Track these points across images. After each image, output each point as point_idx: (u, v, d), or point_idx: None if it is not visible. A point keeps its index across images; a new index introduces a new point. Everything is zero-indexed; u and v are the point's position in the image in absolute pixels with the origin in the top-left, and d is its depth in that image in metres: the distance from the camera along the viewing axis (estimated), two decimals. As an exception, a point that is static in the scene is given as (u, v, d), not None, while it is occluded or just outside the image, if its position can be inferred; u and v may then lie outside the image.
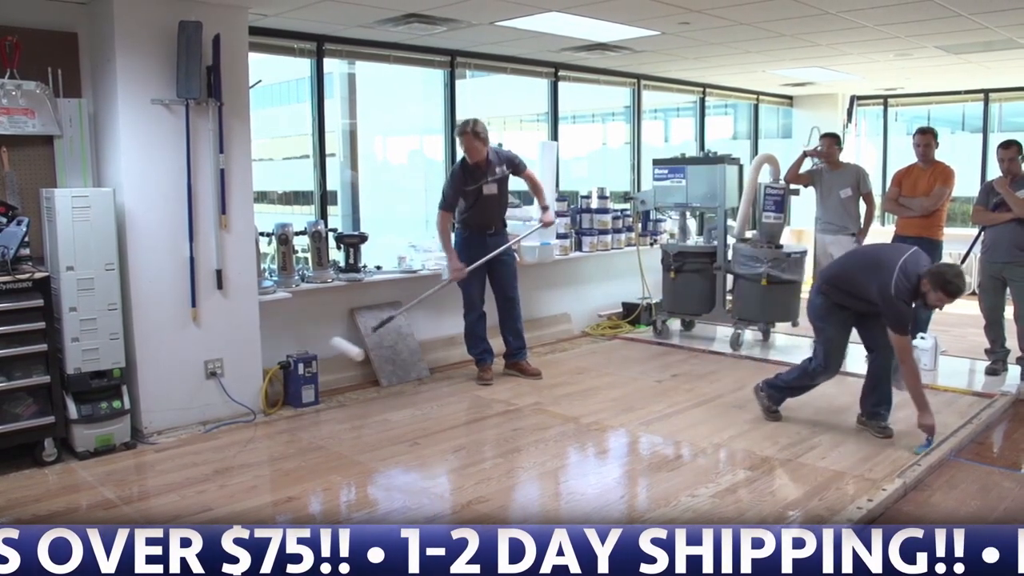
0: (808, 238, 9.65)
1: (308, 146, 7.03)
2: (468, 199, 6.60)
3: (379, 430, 5.65)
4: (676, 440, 5.40)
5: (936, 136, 7.10)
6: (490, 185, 6.61)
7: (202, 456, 5.10)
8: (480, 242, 6.68)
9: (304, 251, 6.67)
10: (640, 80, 9.72)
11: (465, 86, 8.07)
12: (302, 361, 6.13)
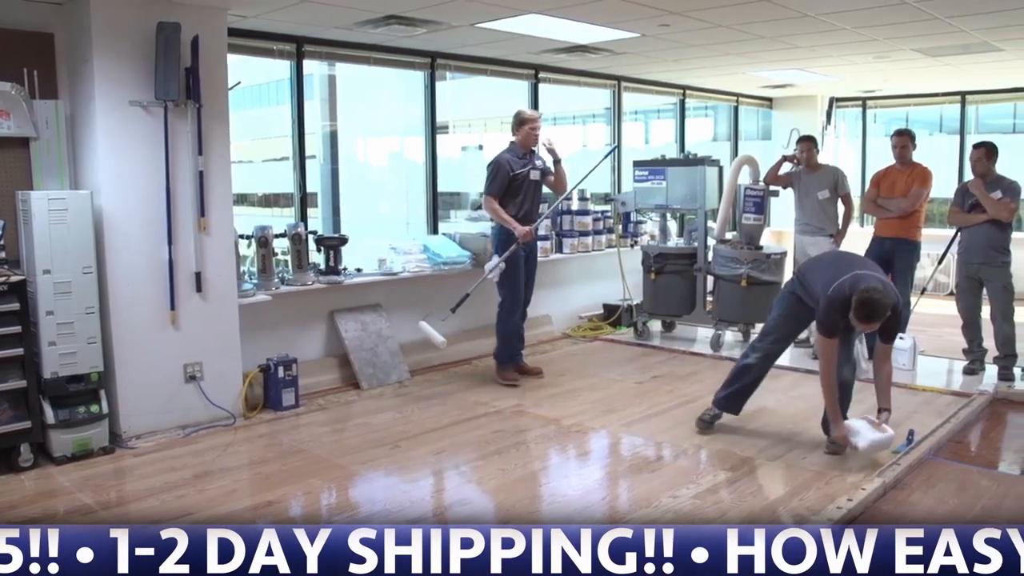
0: (788, 239, 9.67)
1: (288, 148, 7.00)
2: (514, 186, 6.64)
3: (360, 433, 5.63)
4: (657, 441, 5.41)
5: (913, 138, 7.14)
6: (535, 171, 6.73)
7: (181, 460, 5.06)
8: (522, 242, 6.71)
9: (284, 254, 6.63)
10: (620, 82, 9.72)
11: (445, 88, 8.05)
12: (282, 364, 6.10)
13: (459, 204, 9.03)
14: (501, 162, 6.65)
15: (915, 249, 7.11)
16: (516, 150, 6.72)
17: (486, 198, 6.69)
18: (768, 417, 5.85)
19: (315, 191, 7.40)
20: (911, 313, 7.13)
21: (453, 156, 9.22)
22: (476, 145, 10.44)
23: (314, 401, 6.30)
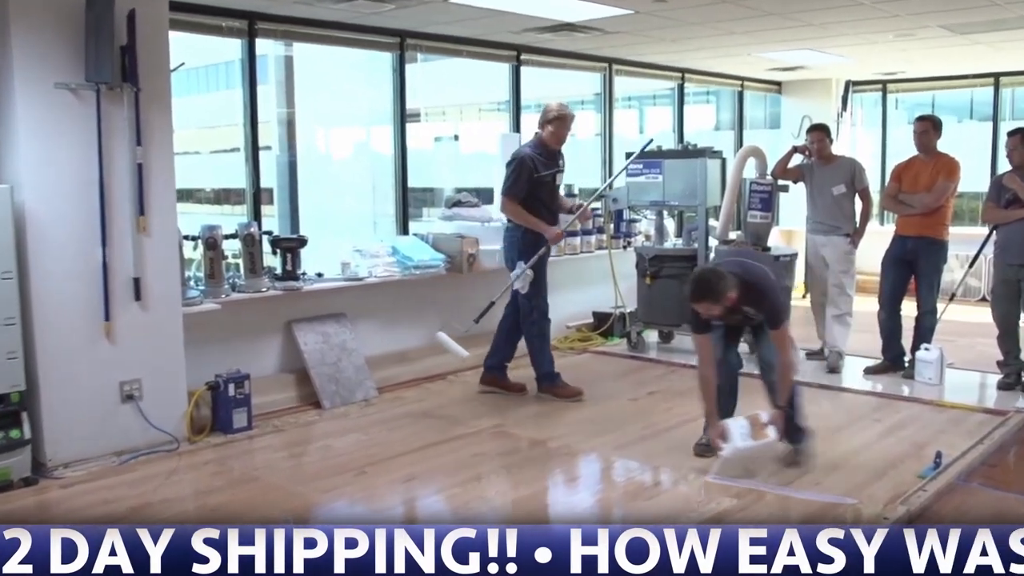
0: (799, 239, 9.70)
1: (239, 138, 6.95)
2: (536, 188, 6.62)
3: (321, 458, 5.60)
4: (654, 465, 5.37)
5: (938, 124, 7.14)
6: (560, 175, 6.76)
7: (116, 492, 4.98)
8: (543, 242, 6.69)
9: (235, 257, 6.60)
10: (612, 65, 9.72)
11: (416, 71, 8.04)
12: (233, 381, 6.05)
13: (432, 201, 9.02)
14: (525, 160, 6.60)
15: (941, 249, 7.10)
16: (541, 148, 6.68)
17: (506, 199, 6.66)
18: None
19: (270, 186, 7.38)
20: (937, 321, 7.13)
21: (425, 147, 9.20)
22: (451, 135, 10.44)
23: (269, 422, 6.25)
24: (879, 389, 7.04)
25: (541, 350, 6.84)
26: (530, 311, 6.76)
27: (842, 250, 7.50)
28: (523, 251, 6.64)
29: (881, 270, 7.36)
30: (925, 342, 7.05)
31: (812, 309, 7.95)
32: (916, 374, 7.08)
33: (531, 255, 6.62)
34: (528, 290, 6.66)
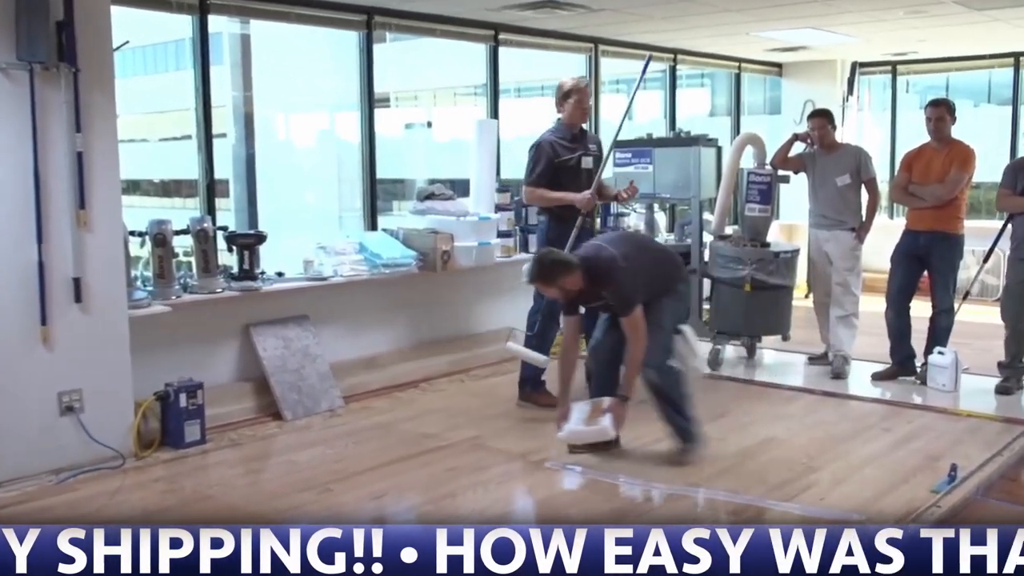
0: (800, 234, 9.70)
1: (191, 125, 6.91)
2: (561, 175, 6.61)
3: (282, 473, 5.59)
4: (644, 479, 5.35)
5: (952, 109, 7.14)
6: (587, 158, 6.69)
7: (54, 513, 4.92)
8: (581, 237, 6.61)
9: (187, 254, 6.55)
10: (597, 45, 9.72)
11: (385, 52, 8.04)
12: (185, 390, 6.00)
13: (403, 194, 9.02)
14: (543, 145, 6.62)
15: (956, 245, 7.11)
16: (563, 130, 6.70)
17: (527, 189, 6.71)
18: (777, 449, 5.84)
19: (225, 177, 7.37)
20: (953, 323, 7.13)
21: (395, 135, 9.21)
22: (423, 122, 10.42)
23: (224, 436, 6.22)
24: (888, 396, 7.05)
25: (536, 350, 6.81)
26: (536, 309, 6.79)
27: (847, 246, 7.50)
28: (553, 241, 6.58)
29: (890, 266, 7.36)
30: (940, 344, 7.06)
31: (815, 310, 7.95)
32: (929, 380, 7.09)
33: (558, 245, 6.56)
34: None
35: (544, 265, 5.37)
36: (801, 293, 9.49)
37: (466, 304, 8.02)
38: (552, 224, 6.73)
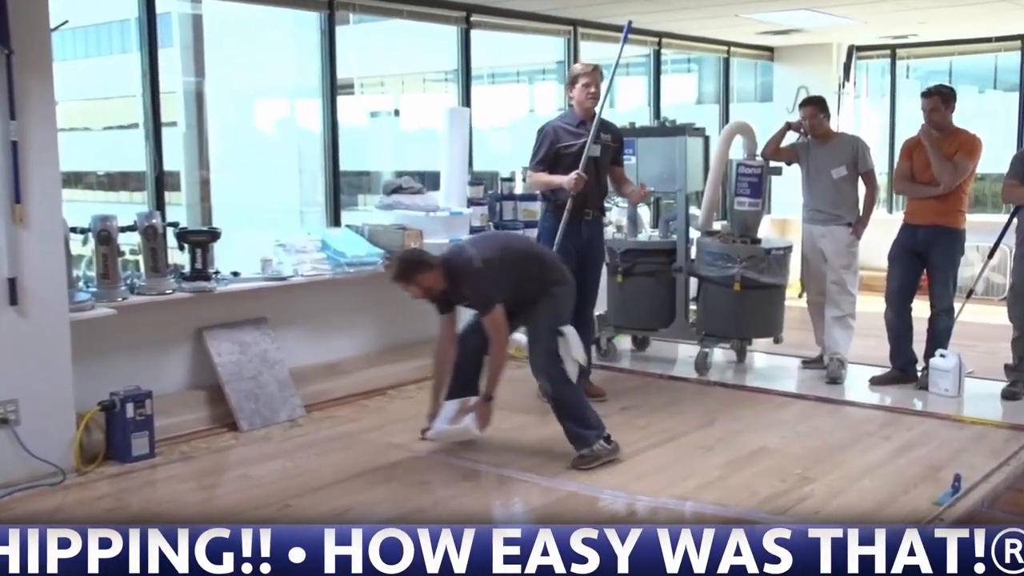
0: (793, 230, 9.71)
1: (138, 112, 6.88)
2: (564, 162, 6.71)
3: (238, 489, 5.57)
4: (627, 492, 5.35)
5: (948, 97, 7.11)
6: (594, 147, 6.74)
7: (-13, 533, 4.86)
8: (575, 230, 6.77)
9: (134, 253, 6.52)
10: (576, 28, 9.72)
11: (349, 34, 8.01)
12: (132, 400, 5.95)
13: (368, 187, 8.98)
14: (546, 129, 6.85)
15: (957, 240, 7.14)
16: (570, 116, 6.87)
17: (527, 174, 6.91)
18: (770, 459, 5.85)
19: (176, 169, 7.33)
20: (954, 323, 7.15)
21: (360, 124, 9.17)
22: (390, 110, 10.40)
23: (176, 448, 6.19)
24: (888, 402, 7.07)
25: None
26: None
27: (843, 242, 7.52)
28: (551, 231, 6.78)
29: (888, 264, 7.38)
30: (940, 347, 7.07)
31: (809, 310, 7.97)
32: (930, 385, 7.11)
33: (564, 237, 6.72)
34: None
35: (403, 263, 5.80)
36: (794, 292, 9.49)
37: (431, 306, 7.97)
38: (548, 213, 6.88)
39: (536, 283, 5.84)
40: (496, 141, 10.77)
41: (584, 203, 6.80)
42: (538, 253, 6.22)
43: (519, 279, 5.78)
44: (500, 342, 5.73)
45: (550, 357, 5.74)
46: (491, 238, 6.22)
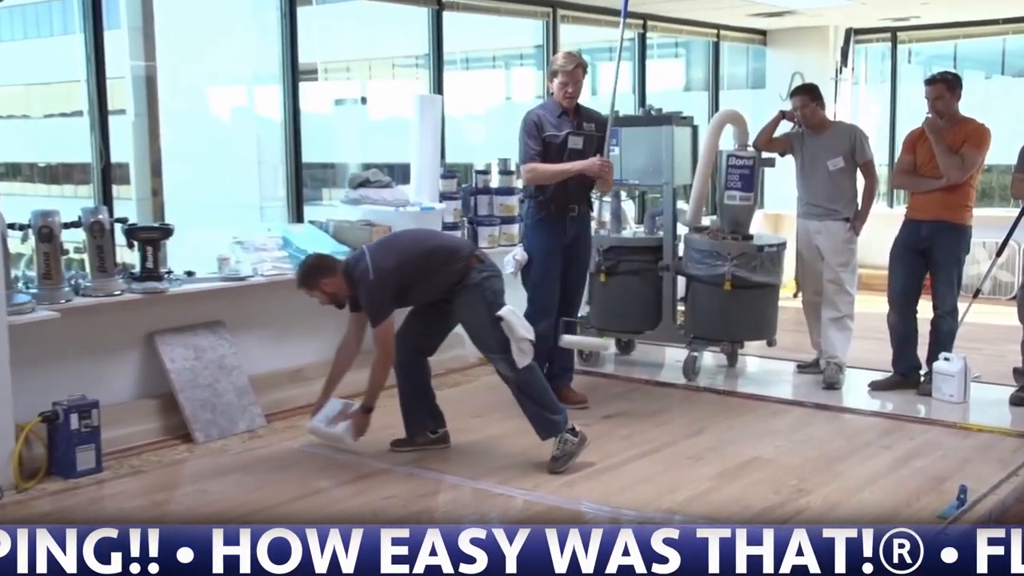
0: (788, 225, 9.72)
1: (82, 98, 6.84)
2: (548, 155, 6.79)
3: (192, 506, 5.54)
4: (611, 506, 5.35)
5: (953, 84, 7.13)
6: (576, 138, 6.83)
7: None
8: (558, 229, 6.87)
9: (78, 251, 6.49)
10: (556, 9, 9.75)
11: (311, 16, 7.98)
12: (76, 410, 5.91)
13: (333, 180, 8.95)
14: (531, 119, 6.86)
15: (961, 237, 7.15)
16: (551, 105, 6.93)
17: (523, 169, 6.89)
18: (763, 470, 5.86)
19: (125, 161, 7.33)
20: (959, 325, 7.16)
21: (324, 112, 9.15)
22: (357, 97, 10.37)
23: (125, 462, 6.15)
24: (889, 409, 7.09)
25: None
26: (530, 310, 6.85)
27: (840, 238, 7.53)
28: (535, 230, 6.91)
29: (890, 262, 7.40)
30: (945, 350, 7.08)
31: (804, 311, 7.98)
32: (934, 390, 7.12)
33: (546, 246, 6.82)
34: (521, 277, 6.92)
35: (304, 268, 6.09)
36: (788, 292, 9.50)
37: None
38: (532, 211, 6.90)
39: (447, 275, 6.00)
40: (470, 131, 10.78)
41: (568, 198, 6.83)
42: (441, 246, 6.29)
43: (425, 278, 6.00)
44: (381, 356, 5.97)
45: (502, 343, 5.85)
46: (390, 244, 6.34)
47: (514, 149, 7.82)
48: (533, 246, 6.97)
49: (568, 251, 6.92)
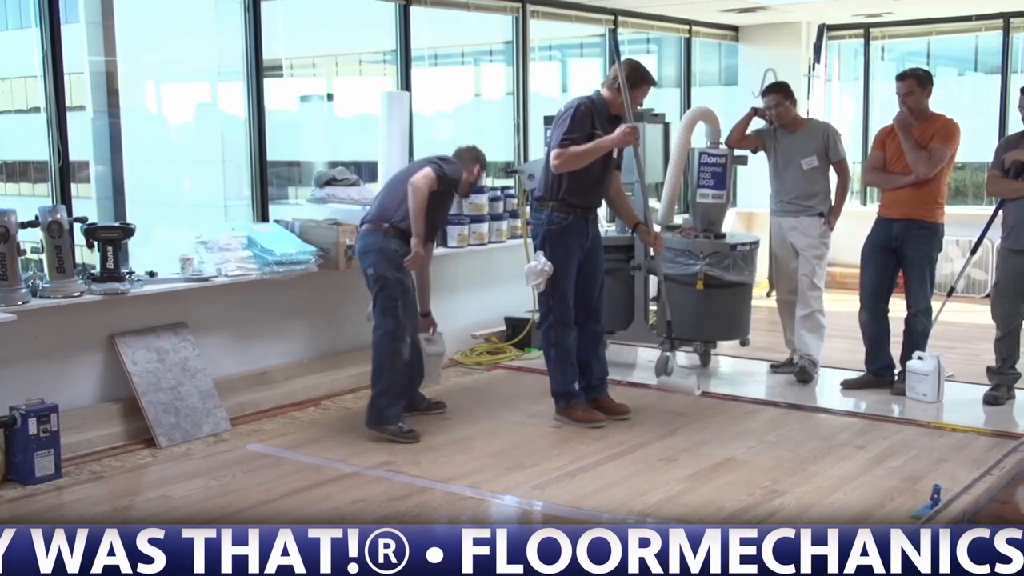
0: (761, 223, 9.75)
1: (39, 94, 6.78)
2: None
3: (155, 511, 5.49)
4: (583, 508, 5.35)
5: (923, 80, 7.17)
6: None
7: None
8: (580, 230, 6.71)
9: (36, 251, 6.48)
10: (526, 5, 9.73)
11: (276, 10, 7.99)
12: (34, 415, 5.89)
13: (299, 179, 8.94)
14: (585, 107, 6.60)
15: (934, 234, 7.19)
16: (603, 106, 6.72)
17: (555, 152, 6.52)
18: (736, 472, 5.87)
19: (84, 159, 7.27)
20: (933, 324, 7.20)
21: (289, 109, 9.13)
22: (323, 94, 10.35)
23: (85, 468, 6.12)
24: (862, 408, 7.12)
25: (557, 364, 6.85)
26: (546, 314, 6.81)
27: (815, 232, 7.57)
28: (560, 237, 6.65)
29: (861, 262, 7.43)
30: (918, 349, 7.12)
31: (778, 310, 8.03)
32: (908, 389, 7.16)
33: (574, 240, 6.66)
34: (558, 288, 6.69)
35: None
36: (762, 291, 9.53)
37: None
38: (554, 215, 6.65)
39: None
40: (439, 128, 10.78)
41: (596, 201, 6.82)
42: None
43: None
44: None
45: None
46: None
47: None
48: (557, 254, 6.66)
49: (589, 250, 6.82)
